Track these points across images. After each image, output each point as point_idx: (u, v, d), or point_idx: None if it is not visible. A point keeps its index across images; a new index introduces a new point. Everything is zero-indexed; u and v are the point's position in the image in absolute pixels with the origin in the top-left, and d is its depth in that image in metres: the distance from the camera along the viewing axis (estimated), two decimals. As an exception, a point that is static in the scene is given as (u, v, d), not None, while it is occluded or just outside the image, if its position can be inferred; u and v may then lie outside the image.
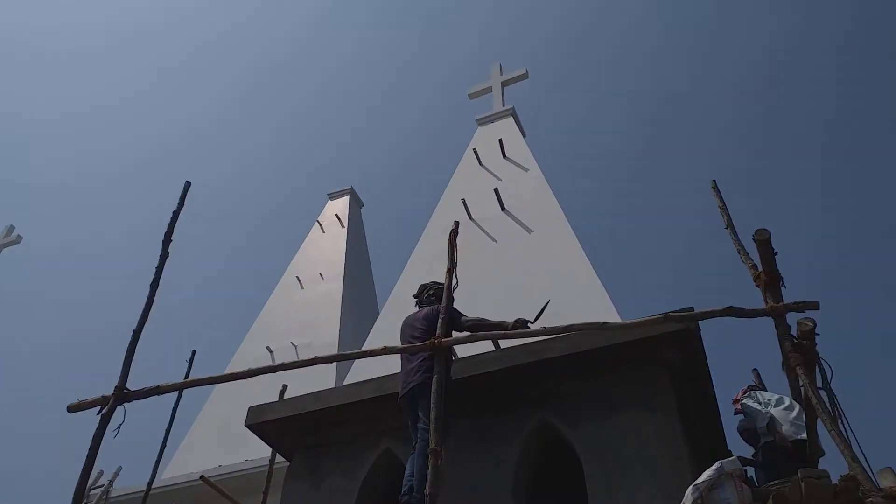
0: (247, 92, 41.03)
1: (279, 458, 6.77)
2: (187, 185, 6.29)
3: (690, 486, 3.64)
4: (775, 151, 34.54)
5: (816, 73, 33.70)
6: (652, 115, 38.88)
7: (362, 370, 7.55)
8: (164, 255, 5.89)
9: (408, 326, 5.61)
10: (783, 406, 5.87)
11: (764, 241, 4.21)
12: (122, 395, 5.03)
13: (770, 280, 4.27)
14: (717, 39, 37.43)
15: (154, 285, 5.72)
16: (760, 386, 6.50)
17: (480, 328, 5.20)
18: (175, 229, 6.02)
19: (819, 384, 4.05)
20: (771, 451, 5.71)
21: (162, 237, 5.94)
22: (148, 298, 5.64)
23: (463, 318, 5.35)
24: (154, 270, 5.79)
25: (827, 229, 32.41)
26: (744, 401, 6.19)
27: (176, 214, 6.11)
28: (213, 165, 39.81)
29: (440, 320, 5.06)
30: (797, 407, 5.70)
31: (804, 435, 5.46)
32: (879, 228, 31.53)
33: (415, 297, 6.01)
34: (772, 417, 5.79)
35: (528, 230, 9.28)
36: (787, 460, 5.29)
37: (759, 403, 6.02)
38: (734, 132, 35.66)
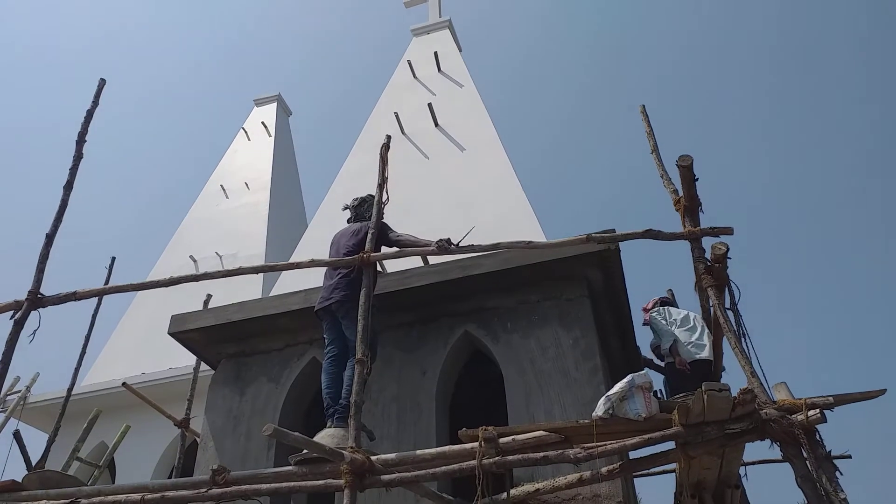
0: (169, -14, 38.37)
1: (204, 366, 6.77)
2: (102, 82, 5.94)
3: (603, 397, 3.84)
4: (706, 79, 35.12)
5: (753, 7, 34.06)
6: (590, 38, 38.67)
7: (290, 283, 7.52)
8: (79, 156, 5.61)
9: (338, 240, 5.59)
10: (686, 327, 6.06)
11: (686, 166, 4.34)
12: (37, 300, 4.88)
13: (689, 205, 4.43)
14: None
15: (67, 188, 5.47)
16: (673, 302, 6.63)
17: (408, 245, 5.23)
18: (90, 129, 5.72)
19: (727, 305, 4.29)
20: (674, 370, 5.99)
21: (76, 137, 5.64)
22: (62, 201, 5.40)
23: (391, 234, 5.36)
24: (68, 172, 5.52)
25: (750, 155, 33.58)
26: (653, 313, 6.32)
27: (90, 114, 5.79)
28: (137, 63, 37.53)
29: (369, 235, 5.05)
30: (700, 327, 5.96)
31: (704, 355, 5.76)
32: (795, 156, 32.89)
33: (350, 209, 5.92)
34: (675, 340, 5.98)
35: (461, 148, 9.23)
36: (689, 379, 5.53)
37: (666, 321, 6.18)
38: (676, 57, 35.95)
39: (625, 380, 3.81)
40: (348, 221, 5.87)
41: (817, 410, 3.38)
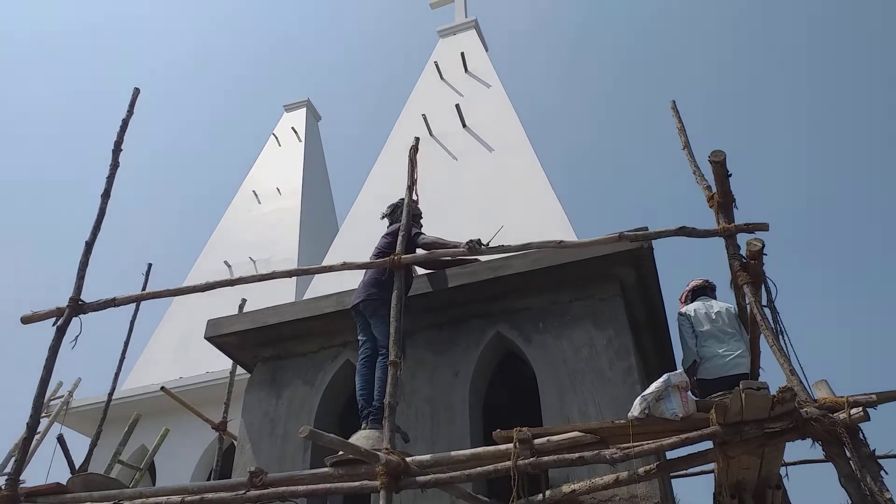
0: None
1: (240, 369, 6.86)
2: (136, 91, 6.05)
3: (639, 397, 3.80)
4: (739, 75, 34.61)
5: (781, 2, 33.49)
6: (617, 35, 38.36)
7: (322, 286, 7.58)
8: (115, 165, 5.72)
9: (378, 244, 5.65)
10: (718, 328, 5.44)
11: (719, 162, 4.27)
12: (78, 306, 4.99)
13: (723, 201, 4.37)
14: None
15: (105, 196, 5.59)
16: (709, 291, 5.93)
17: (436, 246, 5.24)
18: (127, 139, 5.84)
19: (764, 302, 4.22)
20: (701, 385, 5.32)
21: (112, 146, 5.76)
22: (100, 209, 5.52)
23: (420, 237, 5.39)
24: (105, 181, 5.64)
25: (783, 151, 33.01)
26: (680, 317, 5.71)
27: (125, 123, 5.90)
28: (169, 73, 38.21)
29: (399, 237, 5.08)
30: (736, 330, 5.44)
31: (740, 370, 5.18)
32: (833, 152, 32.24)
33: (386, 217, 5.97)
34: (694, 362, 5.40)
35: (490, 148, 9.21)
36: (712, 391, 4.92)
37: (693, 328, 5.52)
38: (706, 54, 35.52)
39: (660, 379, 3.77)
40: (388, 224, 5.91)
41: (860, 408, 3.31)
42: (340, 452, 4.09)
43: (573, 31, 40.28)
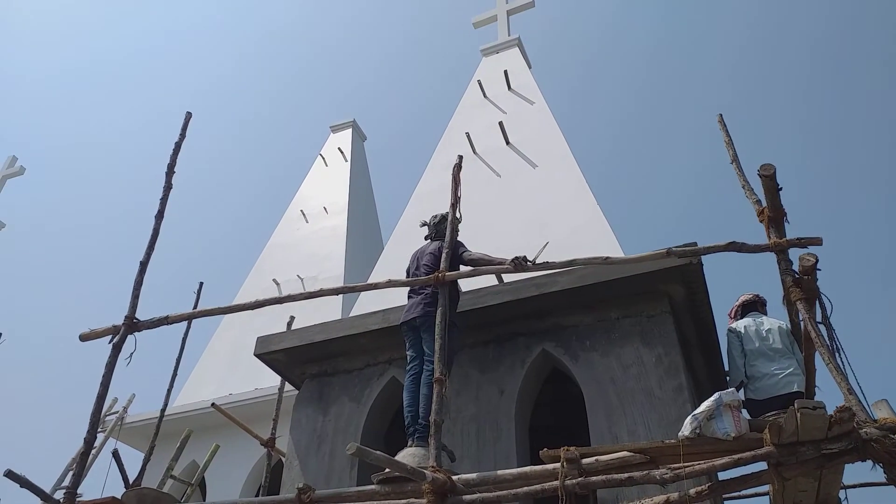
0: (252, 23, 40.11)
1: (288, 386, 6.95)
2: (188, 115, 6.24)
3: (689, 416, 3.72)
4: (783, 87, 33.90)
5: (825, 9, 32.76)
6: (660, 49, 38.02)
7: (368, 303, 7.64)
8: (168, 187, 5.90)
9: (417, 258, 5.67)
10: (769, 347, 5.35)
11: (769, 176, 4.18)
12: (132, 324, 5.13)
13: (774, 215, 4.27)
14: (731, -32, 36.23)
15: (159, 217, 5.76)
16: (758, 306, 5.84)
17: (481, 263, 5.24)
18: (178, 160, 6.01)
19: (818, 319, 4.10)
20: (752, 406, 5.20)
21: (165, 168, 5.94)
22: (153, 230, 5.68)
23: (465, 253, 5.39)
24: (159, 202, 5.81)
25: (831, 165, 32.13)
26: (730, 332, 5.68)
27: (178, 146, 6.08)
28: (220, 96, 39.29)
29: (444, 255, 5.09)
30: (787, 348, 5.33)
31: (793, 389, 5.09)
32: (884, 164, 31.24)
33: (428, 226, 5.99)
34: (741, 382, 5.31)
35: (533, 165, 9.21)
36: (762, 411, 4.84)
37: (742, 346, 5.44)
38: (746, 66, 34.95)
39: (712, 398, 3.69)
40: (426, 238, 5.94)
41: (923, 429, 3.18)
42: (387, 470, 4.11)
43: (614, 41, 40.08)
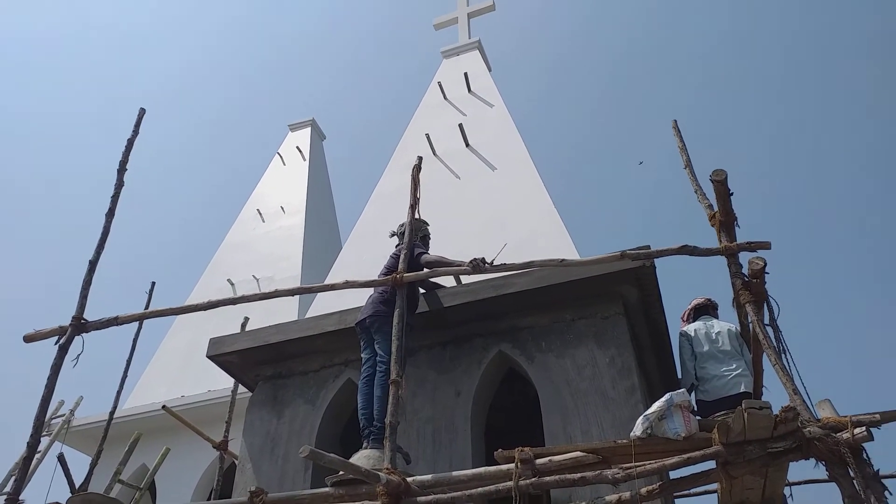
0: (210, 18, 39.47)
1: (242, 388, 6.84)
2: (142, 112, 6.12)
3: (641, 416, 3.78)
4: (738, 95, 34.78)
5: (781, 18, 33.75)
6: (618, 55, 38.64)
7: (325, 304, 7.58)
8: (120, 184, 5.77)
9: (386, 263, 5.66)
10: (719, 349, 5.44)
11: (720, 181, 4.29)
12: (80, 325, 5.01)
13: (725, 220, 4.38)
14: (688, -23, 37.03)
15: (109, 215, 5.63)
16: (710, 310, 5.95)
17: (439, 265, 5.25)
18: (130, 157, 5.89)
19: (766, 321, 4.21)
20: (702, 406, 5.31)
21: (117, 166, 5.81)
22: (104, 228, 5.55)
23: (423, 255, 5.40)
24: (110, 200, 5.68)
25: (781, 170, 33.06)
26: (681, 336, 5.71)
27: (130, 142, 5.96)
28: (172, 89, 38.54)
29: (402, 256, 5.09)
30: (736, 350, 5.45)
31: (740, 389, 5.17)
32: (831, 171, 32.29)
33: (397, 236, 5.98)
34: (692, 384, 5.42)
35: (492, 167, 9.25)
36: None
37: (693, 350, 5.54)
38: (702, 74, 35.74)
39: (663, 398, 3.76)
40: (396, 247, 5.90)
41: (863, 428, 3.28)
42: (341, 472, 4.08)
43: (574, 47, 40.58)
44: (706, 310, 5.96)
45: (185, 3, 40.00)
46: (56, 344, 4.97)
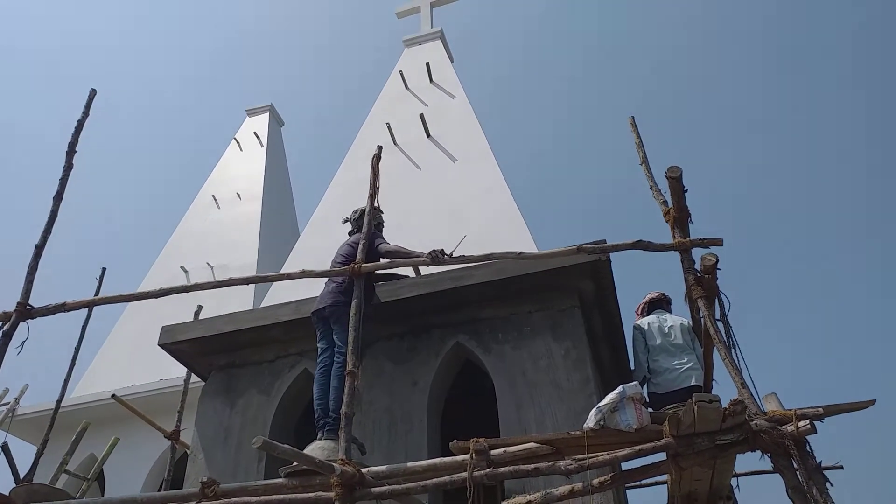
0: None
1: (195, 377, 6.73)
2: (92, 92, 5.93)
3: (594, 408, 3.84)
4: (695, 90, 35.41)
5: (736, 14, 34.41)
6: (580, 50, 38.94)
7: (281, 293, 7.49)
8: (69, 167, 5.59)
9: (338, 250, 5.61)
10: (671, 343, 5.54)
11: (675, 178, 4.36)
12: (25, 311, 4.85)
13: (679, 216, 4.45)
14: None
15: (57, 198, 5.45)
16: (664, 304, 6.04)
17: (398, 255, 5.23)
18: (80, 139, 5.71)
19: (717, 316, 4.30)
20: (654, 399, 5.42)
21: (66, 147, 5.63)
22: (51, 212, 5.38)
23: (381, 245, 5.37)
24: (58, 182, 5.50)
25: (735, 167, 33.83)
26: (635, 329, 5.79)
27: (80, 124, 5.78)
28: (127, 72, 37.50)
29: (360, 246, 5.05)
30: (688, 344, 5.55)
31: (691, 383, 5.26)
32: (783, 163, 33.15)
33: (350, 222, 5.92)
34: (644, 377, 5.49)
35: (453, 158, 9.25)
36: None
37: (646, 343, 5.61)
38: (663, 69, 36.27)
39: (616, 391, 3.82)
40: (349, 234, 5.86)
41: (807, 421, 3.39)
42: (295, 463, 4.04)
43: (536, 41, 40.77)
44: (660, 304, 6.06)
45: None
46: (0, 330, 4.81)
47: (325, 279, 5.46)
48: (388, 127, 9.70)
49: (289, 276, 5.05)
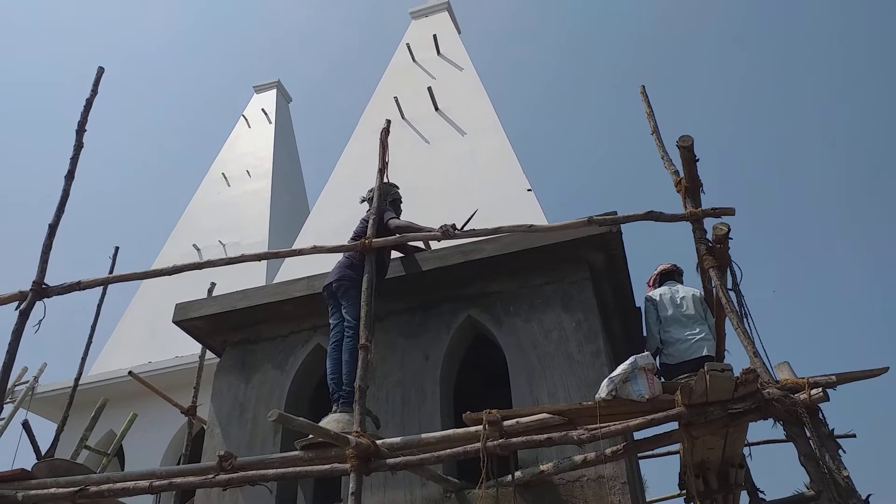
0: (165, -28, 38.13)
1: (210, 354, 6.80)
2: (100, 70, 5.92)
3: (606, 379, 3.85)
4: (703, 60, 34.90)
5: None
6: (588, 18, 38.42)
7: (293, 269, 7.53)
8: (79, 146, 5.60)
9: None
10: (683, 314, 5.55)
11: (686, 147, 4.32)
12: (41, 290, 4.90)
13: (690, 186, 4.42)
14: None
15: (69, 177, 5.48)
16: (676, 275, 6.05)
17: (409, 230, 5.23)
18: (90, 118, 5.72)
19: (729, 285, 4.29)
20: (666, 370, 5.45)
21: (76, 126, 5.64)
22: (63, 191, 5.41)
23: (392, 220, 5.37)
24: (69, 162, 5.52)
25: (748, 136, 33.45)
26: (647, 301, 5.81)
27: (89, 102, 5.77)
28: (135, 51, 37.40)
29: (371, 221, 5.06)
30: (701, 315, 5.54)
31: (703, 353, 5.27)
32: (797, 141, 32.76)
33: (367, 201, 5.91)
34: (657, 348, 5.52)
35: (462, 132, 9.19)
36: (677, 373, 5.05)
37: (658, 314, 5.63)
38: (670, 39, 35.75)
39: (627, 361, 3.83)
40: (367, 212, 5.84)
41: (820, 389, 3.39)
42: (310, 436, 4.09)
43: (544, 9, 40.24)
44: (671, 275, 6.06)
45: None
46: (16, 309, 4.86)
47: (338, 255, 5.48)
48: (396, 101, 9.65)
49: (300, 252, 5.07)
